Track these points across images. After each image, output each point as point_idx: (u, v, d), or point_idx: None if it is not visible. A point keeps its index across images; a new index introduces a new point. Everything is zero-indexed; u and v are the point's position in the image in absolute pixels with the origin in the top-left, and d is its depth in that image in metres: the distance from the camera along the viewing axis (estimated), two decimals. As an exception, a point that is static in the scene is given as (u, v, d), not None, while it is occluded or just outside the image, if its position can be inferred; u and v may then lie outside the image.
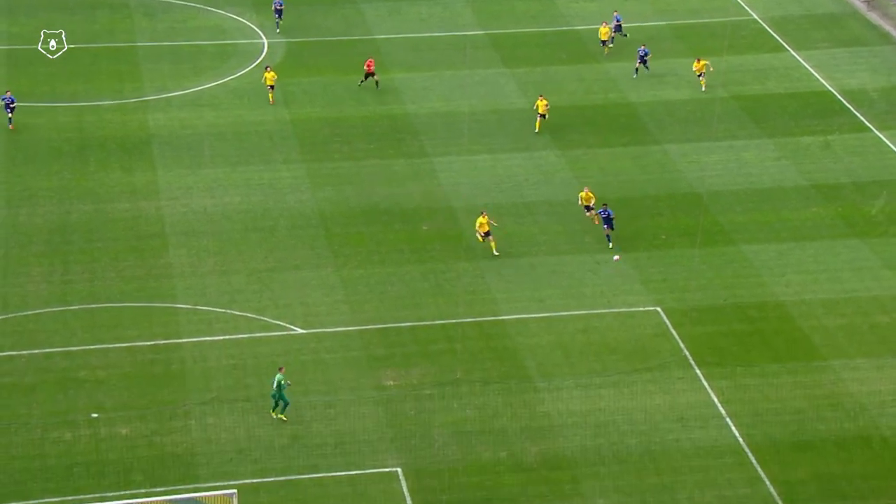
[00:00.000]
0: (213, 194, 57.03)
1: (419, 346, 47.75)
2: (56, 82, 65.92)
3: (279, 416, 43.31)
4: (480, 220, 52.20)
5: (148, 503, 38.78)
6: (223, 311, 49.26)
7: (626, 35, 69.59)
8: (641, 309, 50.36)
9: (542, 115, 61.02)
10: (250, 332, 48.21)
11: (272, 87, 62.88)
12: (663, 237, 55.05)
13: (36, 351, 46.80)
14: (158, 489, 40.61)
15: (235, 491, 37.96)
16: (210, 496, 38.59)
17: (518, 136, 61.97)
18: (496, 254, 51.78)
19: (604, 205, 53.21)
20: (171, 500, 38.83)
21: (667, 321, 49.64)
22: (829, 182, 59.01)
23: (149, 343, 47.47)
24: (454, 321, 48.94)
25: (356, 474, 41.71)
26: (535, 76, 67.58)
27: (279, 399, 43.24)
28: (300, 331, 48.41)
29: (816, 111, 65.09)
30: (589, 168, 59.81)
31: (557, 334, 48.74)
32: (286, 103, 64.55)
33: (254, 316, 49.11)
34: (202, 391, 45.11)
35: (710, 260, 53.38)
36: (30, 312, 48.73)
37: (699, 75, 65.49)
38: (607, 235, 53.14)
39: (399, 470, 41.98)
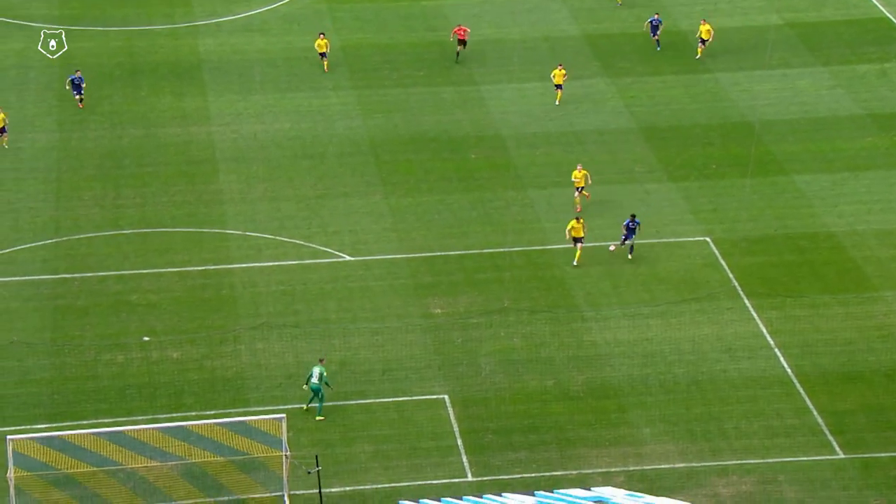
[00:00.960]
0: (263, 120, 56.77)
1: (466, 274, 47.51)
2: (107, 6, 65.65)
3: (317, 416, 40.29)
4: (573, 223, 47.52)
5: (199, 426, 39.07)
6: (272, 237, 49.18)
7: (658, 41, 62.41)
8: (690, 239, 49.75)
9: (559, 86, 56.95)
10: (299, 259, 48.13)
11: (324, 54, 59.64)
12: (714, 167, 54.26)
13: (89, 274, 47.05)
14: (209, 412, 40.87)
15: (284, 416, 38.03)
16: (259, 420, 38.80)
17: (569, 63, 61.04)
18: (575, 264, 47.41)
19: (632, 216, 47.73)
20: (221, 423, 39.02)
21: (716, 251, 49.04)
22: (886, 111, 57.82)
23: (199, 268, 47.53)
24: (502, 250, 48.61)
25: (403, 400, 41.72)
26: (588, 3, 66.44)
27: (318, 392, 40.37)
28: (348, 258, 48.31)
29: (874, 38, 63.64)
30: (639, 97, 58.93)
31: (606, 264, 48.28)
32: (336, 30, 63.89)
33: (302, 243, 49.03)
34: (251, 316, 45.13)
35: (761, 190, 52.57)
36: (83, 236, 48.90)
37: (701, 41, 60.97)
38: (627, 244, 47.76)
39: (446, 397, 41.94)
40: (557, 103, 57.67)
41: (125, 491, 37.79)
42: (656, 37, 61.67)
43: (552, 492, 38.24)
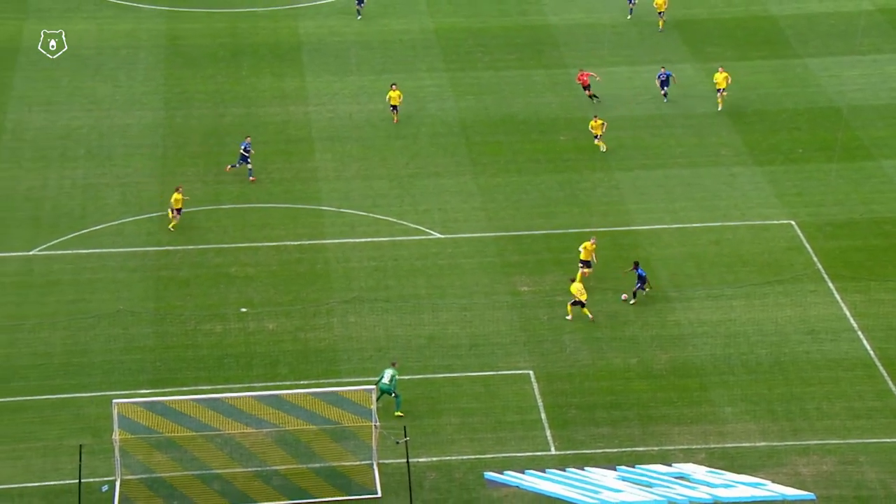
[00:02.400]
0: (359, 101, 56.93)
1: (553, 253, 47.27)
2: (212, -10, 66.46)
3: (396, 412, 39.70)
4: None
5: (292, 395, 39.47)
6: (366, 214, 49.33)
7: (666, 93, 56.00)
8: (775, 222, 48.97)
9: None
10: (391, 236, 48.23)
11: (395, 107, 53.78)
12: (800, 151, 53.30)
13: (191, 247, 47.59)
14: (302, 382, 41.14)
15: (374, 387, 38.32)
16: (350, 391, 39.02)
17: (658, 48, 60.34)
18: (590, 317, 43.46)
19: (635, 263, 43.95)
20: (313, 393, 39.37)
21: (801, 234, 48.21)
22: (975, 98, 56.42)
23: (295, 243, 47.82)
24: (588, 230, 48.27)
25: (489, 375, 41.65)
26: (677, -12, 65.74)
27: (392, 393, 39.66)
28: (438, 235, 48.31)
29: (965, 25, 62.14)
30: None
31: (690, 245, 47.74)
32: (431, 14, 63.84)
33: (394, 220, 49.11)
34: (344, 290, 45.32)
35: (847, 174, 51.52)
36: (185, 210, 49.51)
37: (719, 91, 55.08)
38: (634, 293, 44.14)
39: (531, 372, 41.77)
40: (604, 150, 55.03)
41: (222, 455, 38.23)
42: (665, 91, 55.12)
43: (634, 467, 38.17)
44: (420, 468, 37.99)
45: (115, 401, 37.14)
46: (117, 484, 37.12)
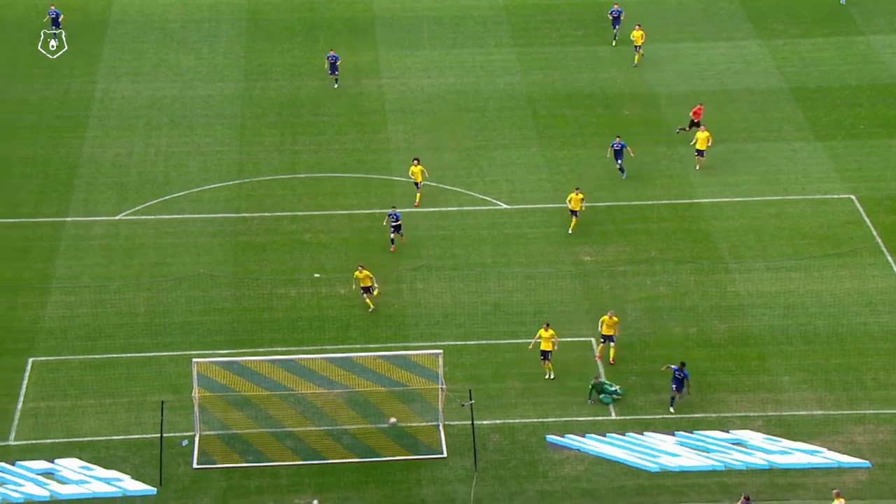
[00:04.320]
0: (430, 75, 56.70)
1: (615, 224, 46.87)
2: (290, -34, 66.43)
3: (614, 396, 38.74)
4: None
5: (363, 357, 39.56)
6: (435, 184, 49.20)
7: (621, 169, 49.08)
8: (835, 196, 48.10)
9: (574, 212, 45.64)
10: (459, 206, 48.09)
11: (417, 185, 47.61)
12: (861, 127, 52.22)
13: (267, 214, 47.76)
14: (372, 345, 41.14)
15: (441, 351, 38.16)
16: (418, 354, 39.07)
17: (722, 25, 59.36)
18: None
19: (681, 364, 38.75)
20: (383, 356, 39.46)
21: (860, 209, 47.31)
22: None
23: (366, 211, 47.79)
24: (650, 203, 47.78)
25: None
26: (742, -34, 64.62)
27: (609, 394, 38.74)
28: (505, 206, 48.06)
29: None
30: (790, 58, 57.05)
31: (751, 218, 47.10)
32: (500, -10, 63.48)
33: (462, 190, 48.95)
34: (413, 258, 45.23)
35: (908, 151, 50.61)
36: (262, 178, 49.74)
37: (698, 153, 49.68)
38: (672, 398, 38.88)
39: (592, 339, 41.49)
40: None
41: (295, 414, 38.47)
42: (619, 163, 48.72)
43: (692, 432, 37.89)
44: (484, 430, 37.98)
45: (194, 360, 37.46)
46: (196, 439, 37.57)
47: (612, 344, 40.36)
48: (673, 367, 38.67)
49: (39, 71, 56.20)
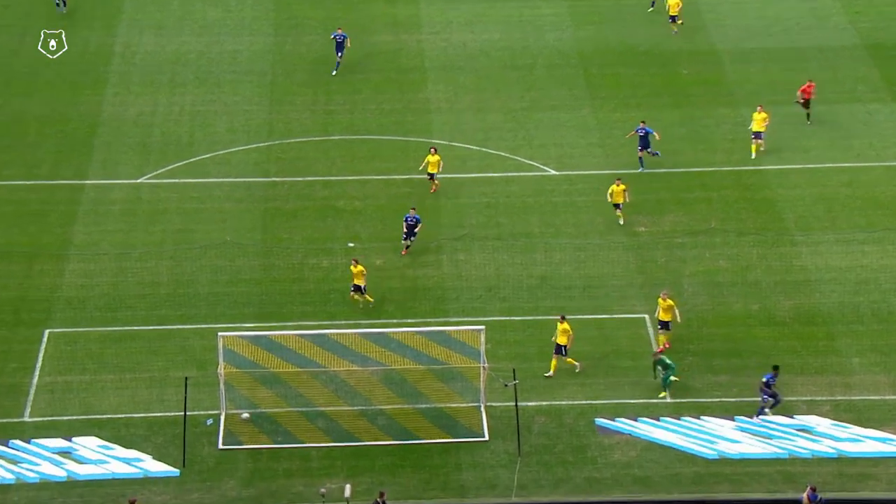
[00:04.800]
0: (473, 29, 56.36)
1: (673, 192, 46.48)
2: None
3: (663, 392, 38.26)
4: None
5: (399, 333, 39.47)
6: (478, 148, 49.02)
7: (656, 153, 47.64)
8: (914, 163, 47.63)
9: (617, 205, 44.61)
10: (504, 171, 47.88)
11: (432, 176, 46.15)
12: (942, 89, 51.67)
13: (298, 179, 47.75)
14: (409, 320, 40.93)
15: (483, 327, 37.98)
16: (458, 330, 38.99)
17: (790, -24, 58.71)
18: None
19: (774, 369, 37.54)
20: (421, 332, 39.36)
21: (940, 177, 46.80)
22: None
23: (404, 176, 47.67)
24: (711, 169, 47.32)
25: (603, 318, 41.22)
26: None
27: (666, 379, 38.28)
28: (553, 172, 47.78)
29: None
30: (866, 12, 56.45)
31: (820, 187, 46.58)
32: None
33: (507, 155, 48.71)
34: (454, 227, 45.16)
35: None
36: (293, 140, 49.68)
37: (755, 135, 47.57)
38: (762, 409, 37.74)
39: (646, 316, 41.17)
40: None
41: (327, 392, 38.50)
42: (650, 151, 46.77)
43: (753, 417, 37.54)
44: (529, 412, 37.83)
45: (220, 333, 37.52)
46: (222, 418, 37.69)
47: (667, 332, 39.58)
48: (767, 376, 37.43)
49: (57, 23, 56.25)
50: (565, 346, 38.86)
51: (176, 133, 50.01)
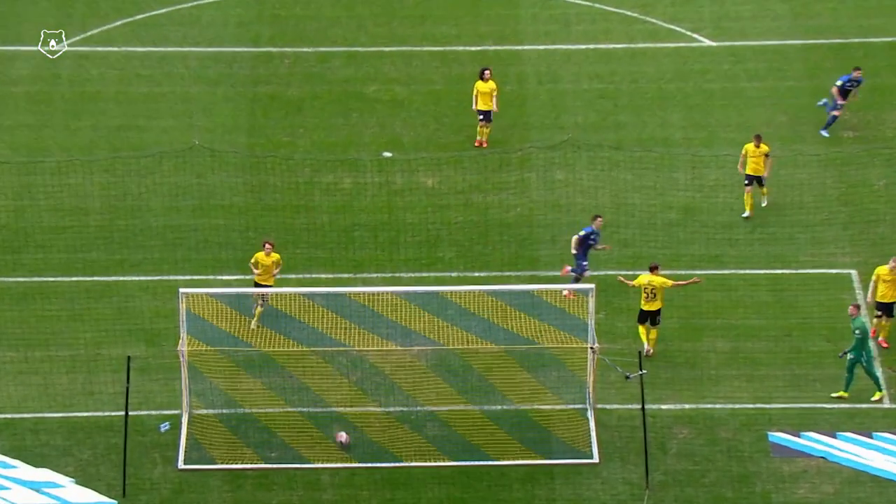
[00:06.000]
0: None
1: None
2: None
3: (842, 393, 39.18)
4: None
5: (461, 293, 39.81)
6: (588, 4, 50.01)
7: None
8: None
9: (757, 179, 43.96)
10: (629, 42, 49.26)
11: (485, 115, 46.05)
12: None
13: (305, 49, 49.20)
14: (477, 274, 41.88)
15: (593, 286, 37.51)
16: (553, 290, 39.52)
17: None
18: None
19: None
20: (494, 291, 39.73)
21: None
22: None
23: (474, 48, 49.36)
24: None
25: (782, 273, 41.75)
26: None
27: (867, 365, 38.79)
28: (708, 42, 49.23)
29: None
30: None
31: None
32: None
33: (636, 15, 49.87)
34: (549, 128, 46.52)
35: None
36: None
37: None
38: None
39: (853, 273, 41.91)
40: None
41: (346, 385, 38.67)
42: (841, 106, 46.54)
43: None
44: (664, 420, 37.88)
45: (182, 290, 37.49)
46: (183, 421, 37.69)
47: (889, 318, 40.01)
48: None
49: None
50: (656, 314, 39.31)
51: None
